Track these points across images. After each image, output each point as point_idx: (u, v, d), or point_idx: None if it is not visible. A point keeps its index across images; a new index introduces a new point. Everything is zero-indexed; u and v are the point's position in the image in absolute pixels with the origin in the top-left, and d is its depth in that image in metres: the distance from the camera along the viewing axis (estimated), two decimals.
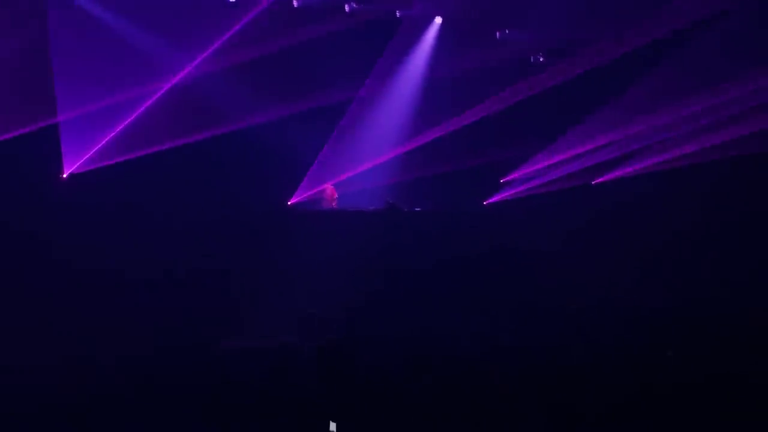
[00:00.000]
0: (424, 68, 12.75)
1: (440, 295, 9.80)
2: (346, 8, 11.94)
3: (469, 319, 9.15)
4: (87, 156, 10.73)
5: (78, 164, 10.75)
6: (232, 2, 10.97)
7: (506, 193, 12.36)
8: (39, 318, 9.12)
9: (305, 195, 11.85)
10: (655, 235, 11.16)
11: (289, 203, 11.74)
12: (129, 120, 10.84)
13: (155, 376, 7.13)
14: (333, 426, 5.86)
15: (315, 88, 11.78)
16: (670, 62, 11.55)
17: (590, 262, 10.73)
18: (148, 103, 10.89)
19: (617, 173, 12.40)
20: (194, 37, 10.90)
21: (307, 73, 11.73)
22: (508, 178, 12.60)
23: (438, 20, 12.85)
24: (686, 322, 8.25)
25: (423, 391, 6.41)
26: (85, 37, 10.45)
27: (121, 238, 10.34)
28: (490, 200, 12.21)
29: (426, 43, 12.81)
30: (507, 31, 12.87)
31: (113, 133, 10.77)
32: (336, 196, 11.75)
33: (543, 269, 10.51)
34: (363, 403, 6.20)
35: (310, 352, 7.93)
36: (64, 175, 10.78)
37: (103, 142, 10.76)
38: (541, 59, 13.02)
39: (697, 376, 6.27)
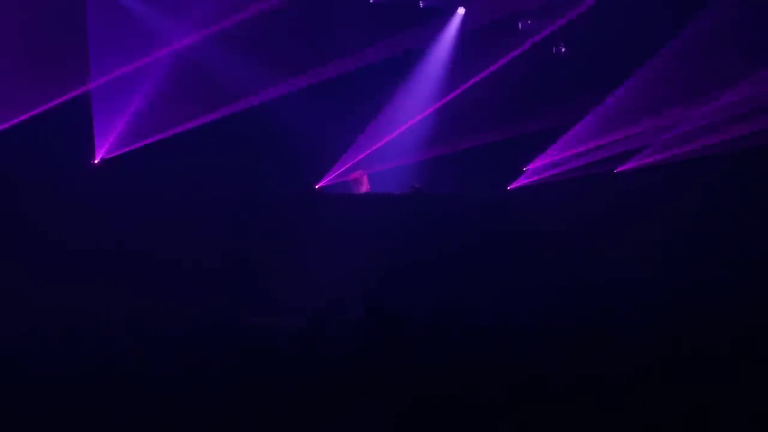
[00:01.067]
0: (447, 58, 12.89)
1: (463, 276, 9.93)
2: None
3: (492, 298, 9.25)
4: (116, 137, 10.96)
5: (108, 147, 10.99)
6: None
7: (529, 179, 12.48)
8: (71, 304, 9.29)
9: (332, 179, 12.07)
10: (677, 224, 11.16)
11: (316, 186, 11.97)
12: (156, 99, 11.06)
13: (188, 355, 7.33)
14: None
15: (340, 74, 11.99)
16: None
17: (611, 248, 10.76)
18: (162, 72, 11.08)
19: (640, 162, 12.46)
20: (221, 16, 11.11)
21: (333, 57, 11.94)
22: (531, 166, 12.72)
23: (461, 11, 12.97)
24: (704, 307, 8.32)
25: (445, 363, 6.55)
26: (122, 17, 10.74)
27: (150, 220, 10.42)
28: (514, 185, 12.34)
29: (449, 34, 12.95)
30: (529, 22, 12.96)
31: (140, 113, 11.00)
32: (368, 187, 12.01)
33: (564, 253, 10.58)
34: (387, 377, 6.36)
35: (334, 330, 8.13)
36: (96, 161, 11.05)
37: (132, 120, 10.99)
38: (563, 50, 13.08)
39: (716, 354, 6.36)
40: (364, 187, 12.02)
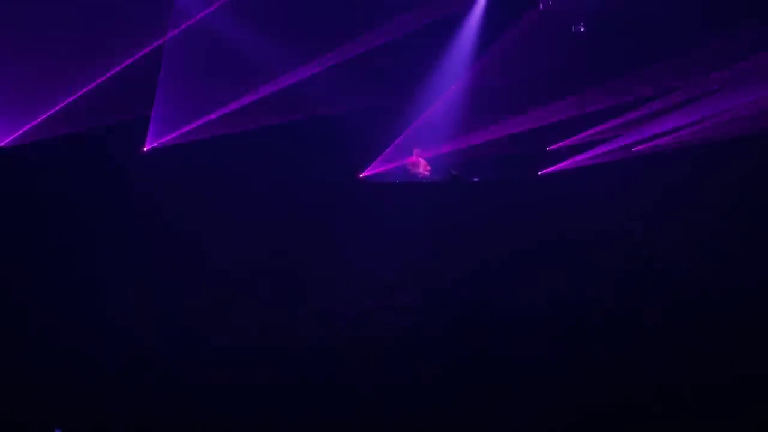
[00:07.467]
0: (473, 46, 13.17)
1: (501, 258, 10.43)
2: None
3: (528, 279, 9.82)
4: (167, 128, 11.40)
5: (158, 136, 11.42)
6: None
7: (558, 166, 12.87)
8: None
9: (377, 170, 12.52)
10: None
11: (360, 176, 12.41)
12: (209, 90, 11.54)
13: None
14: None
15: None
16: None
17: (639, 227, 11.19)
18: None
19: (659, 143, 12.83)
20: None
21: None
22: (554, 147, 13.10)
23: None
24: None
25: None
26: (193, 41, 11.21)
27: (204, 210, 11.00)
28: (544, 171, 12.74)
29: (475, 14, 13.20)
30: (550, 2, 13.20)
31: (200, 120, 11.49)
32: (429, 168, 12.42)
33: (594, 234, 11.02)
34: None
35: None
36: (146, 149, 11.46)
37: (183, 113, 11.44)
38: (582, 29, 13.35)
39: None
40: (422, 169, 12.41)
